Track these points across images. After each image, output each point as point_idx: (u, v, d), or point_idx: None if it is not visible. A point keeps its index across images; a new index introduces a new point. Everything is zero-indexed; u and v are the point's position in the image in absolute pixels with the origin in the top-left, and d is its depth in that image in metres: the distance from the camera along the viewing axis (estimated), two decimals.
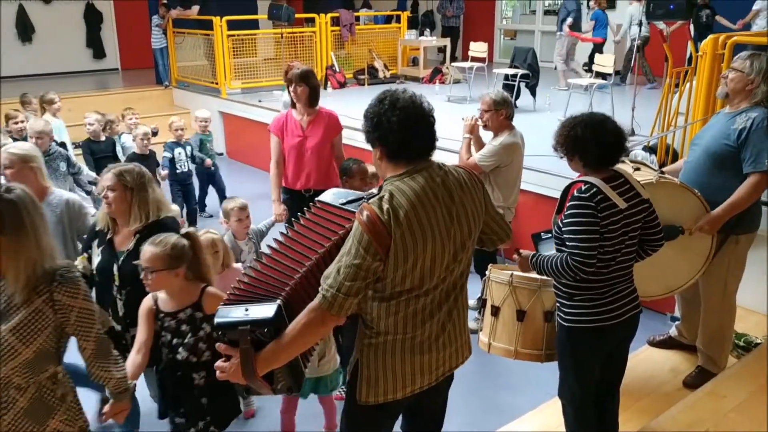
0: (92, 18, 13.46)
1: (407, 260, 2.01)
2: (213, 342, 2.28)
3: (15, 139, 5.93)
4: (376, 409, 2.22)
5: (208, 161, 7.09)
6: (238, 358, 1.97)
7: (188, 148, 6.89)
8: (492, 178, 4.45)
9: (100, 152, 6.41)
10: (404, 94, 2.09)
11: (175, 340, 2.77)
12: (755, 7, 9.90)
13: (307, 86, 4.47)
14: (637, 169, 3.39)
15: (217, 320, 2.00)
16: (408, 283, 2.07)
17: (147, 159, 6.10)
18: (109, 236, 3.05)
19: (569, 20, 10.34)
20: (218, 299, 2.41)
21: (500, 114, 4.43)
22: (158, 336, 2.79)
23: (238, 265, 3.82)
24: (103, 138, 6.55)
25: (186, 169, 6.85)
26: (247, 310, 1.98)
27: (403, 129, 2.04)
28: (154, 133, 6.71)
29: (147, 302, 2.82)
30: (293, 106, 4.63)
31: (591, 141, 2.61)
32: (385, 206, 1.98)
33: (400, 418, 2.50)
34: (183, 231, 2.86)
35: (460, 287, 2.25)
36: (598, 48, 10.52)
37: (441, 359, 2.25)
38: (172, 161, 6.77)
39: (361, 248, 1.95)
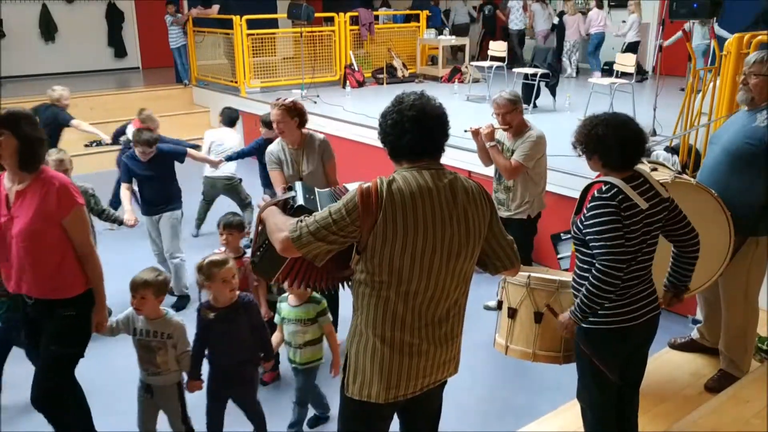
0: (114, 17, 13.61)
1: (395, 242, 2.06)
2: None
3: None
4: (364, 405, 2.25)
5: None
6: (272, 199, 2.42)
7: None
8: (530, 172, 4.45)
9: None
10: (410, 96, 2.16)
11: None
12: (509, 4, 13.12)
13: (14, 136, 2.89)
14: (654, 169, 3.35)
15: (300, 182, 2.48)
16: (395, 273, 2.09)
17: None
18: None
19: None
20: None
21: (519, 110, 4.41)
22: None
23: None
24: None
25: None
26: (312, 197, 2.37)
27: (396, 130, 2.13)
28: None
29: None
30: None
31: (613, 141, 2.56)
32: (386, 185, 2.08)
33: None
34: None
35: (454, 302, 2.24)
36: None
37: (428, 368, 2.25)
38: None
39: (344, 209, 2.07)
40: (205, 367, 3.34)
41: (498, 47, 10.37)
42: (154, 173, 5.10)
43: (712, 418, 3.17)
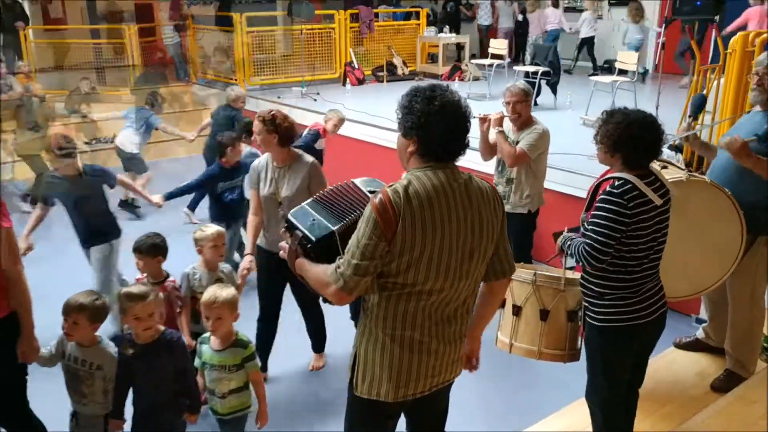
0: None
1: (413, 248, 2.03)
2: None
3: None
4: (373, 404, 2.24)
5: None
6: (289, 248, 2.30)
7: None
8: (533, 165, 4.45)
9: None
10: (453, 96, 2.13)
11: None
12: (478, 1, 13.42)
13: None
14: (664, 167, 3.32)
15: (290, 214, 2.31)
16: (411, 276, 2.07)
17: None
18: None
19: None
20: None
21: (529, 104, 4.46)
22: None
23: None
24: None
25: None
26: (314, 220, 2.23)
27: (448, 135, 2.09)
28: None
29: None
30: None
31: (647, 143, 2.57)
32: (401, 190, 2.03)
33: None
34: None
35: (463, 302, 2.22)
36: None
37: (437, 367, 2.24)
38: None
39: (368, 229, 2.03)
40: None
41: (498, 45, 10.33)
42: (78, 198, 4.34)
43: (719, 419, 3.15)
